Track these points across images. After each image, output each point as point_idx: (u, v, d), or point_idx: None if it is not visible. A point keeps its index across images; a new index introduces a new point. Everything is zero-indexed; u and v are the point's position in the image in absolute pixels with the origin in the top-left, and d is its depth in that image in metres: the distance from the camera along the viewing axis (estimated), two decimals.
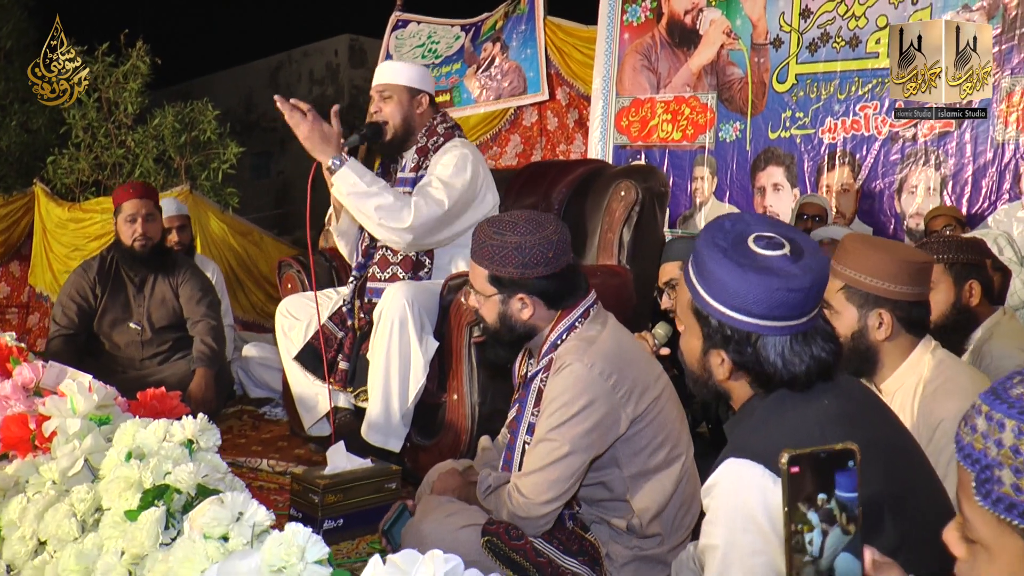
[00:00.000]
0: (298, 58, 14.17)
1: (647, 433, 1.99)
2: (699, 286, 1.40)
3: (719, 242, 1.37)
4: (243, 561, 1.14)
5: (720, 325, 1.37)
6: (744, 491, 1.26)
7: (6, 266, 7.46)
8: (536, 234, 2.00)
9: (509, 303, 2.05)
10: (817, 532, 0.89)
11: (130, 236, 3.77)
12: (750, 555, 1.25)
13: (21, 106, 7.55)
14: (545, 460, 1.92)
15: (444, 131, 3.15)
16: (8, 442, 1.93)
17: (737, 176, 5.27)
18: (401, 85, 3.12)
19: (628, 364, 1.98)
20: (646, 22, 5.62)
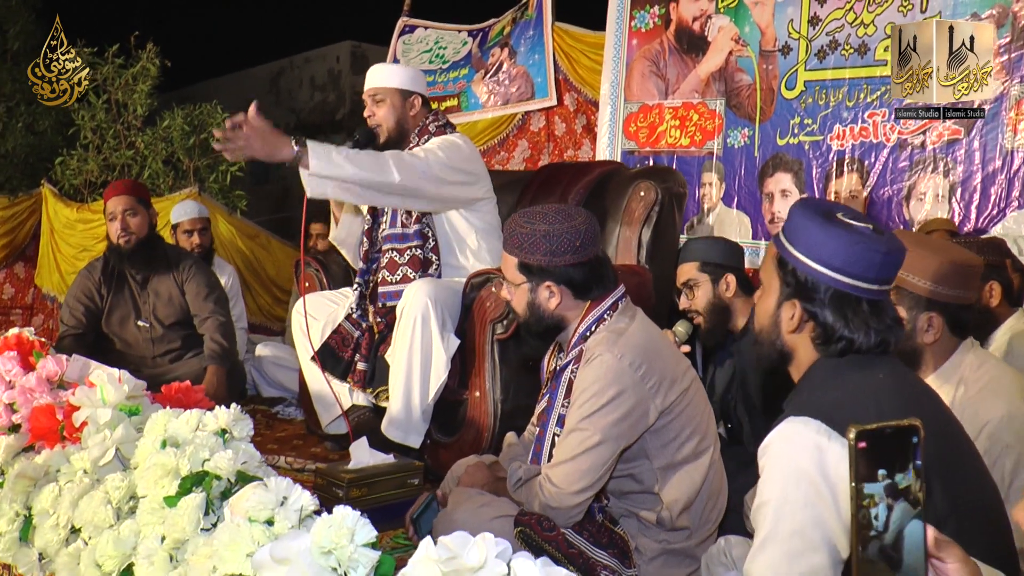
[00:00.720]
0: (300, 64, 14.20)
1: (675, 425, 2.00)
2: (786, 240, 1.49)
3: (812, 206, 1.48)
4: (294, 542, 1.15)
5: (797, 272, 1.45)
6: (798, 447, 1.28)
7: (11, 267, 7.45)
8: (565, 223, 2.03)
9: (537, 291, 2.07)
10: (883, 507, 0.89)
11: (114, 234, 3.77)
12: (801, 507, 1.26)
13: (28, 108, 7.55)
14: (576, 450, 1.94)
15: (436, 129, 3.15)
16: (37, 433, 1.94)
17: (745, 182, 5.28)
18: (393, 88, 3.13)
19: (657, 356, 2.00)
20: (654, 28, 5.64)
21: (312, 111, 14.01)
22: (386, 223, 3.11)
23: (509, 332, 2.70)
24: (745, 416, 2.89)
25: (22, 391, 2.12)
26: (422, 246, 3.03)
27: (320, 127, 13.73)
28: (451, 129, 3.20)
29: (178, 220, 4.78)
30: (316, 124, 13.85)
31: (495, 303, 2.71)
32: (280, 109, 14.30)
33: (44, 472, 1.79)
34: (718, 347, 2.99)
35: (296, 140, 2.70)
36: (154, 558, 1.36)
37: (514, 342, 2.73)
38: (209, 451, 1.52)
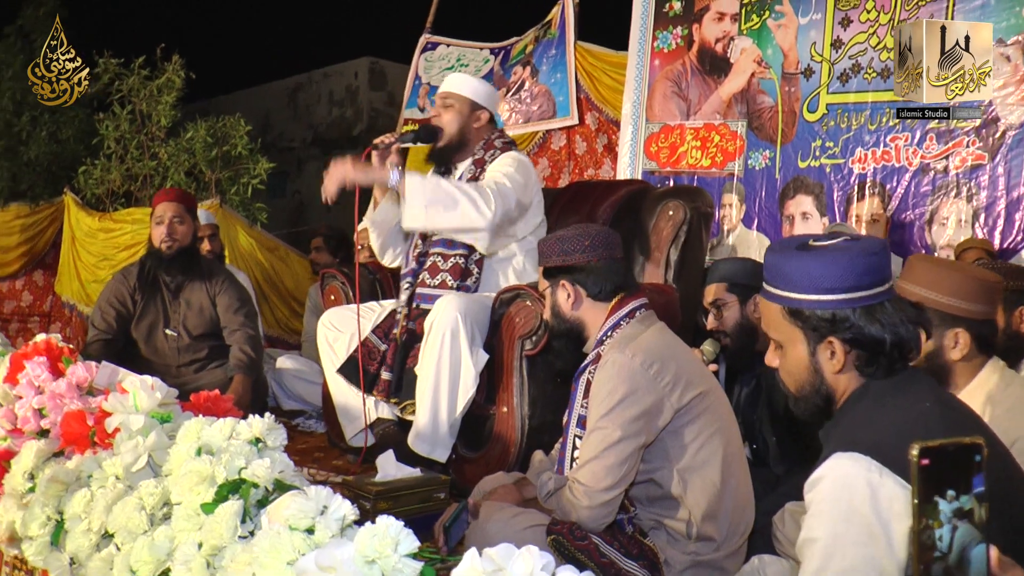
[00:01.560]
0: (318, 79, 14.27)
1: (694, 426, 2.04)
2: (782, 291, 1.45)
3: (788, 245, 1.46)
4: (338, 551, 1.14)
5: (819, 313, 1.42)
6: (850, 483, 1.25)
7: (29, 275, 7.50)
8: (578, 229, 2.22)
9: (556, 293, 2.22)
10: (947, 527, 0.88)
11: (157, 238, 3.81)
12: (852, 546, 1.24)
13: (51, 116, 7.61)
14: (599, 448, 1.99)
15: (502, 145, 3.17)
16: (68, 438, 1.94)
17: (766, 204, 5.27)
18: (464, 96, 3.16)
19: (671, 357, 2.06)
20: (677, 49, 5.65)
21: (330, 126, 14.07)
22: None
23: (538, 348, 2.70)
24: (771, 437, 2.87)
25: (52, 397, 2.13)
26: (467, 256, 3.04)
27: (337, 142, 13.80)
28: (515, 147, 3.23)
29: None
30: (333, 139, 13.91)
31: (524, 319, 2.71)
32: (298, 124, 14.39)
33: (76, 477, 1.79)
34: (744, 367, 2.98)
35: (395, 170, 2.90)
36: (191, 564, 1.36)
37: (542, 358, 2.74)
38: (245, 459, 1.52)
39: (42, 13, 7.87)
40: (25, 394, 2.21)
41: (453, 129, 3.14)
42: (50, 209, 7.32)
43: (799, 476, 2.64)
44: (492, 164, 3.09)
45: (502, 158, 3.09)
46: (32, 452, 1.97)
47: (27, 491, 1.92)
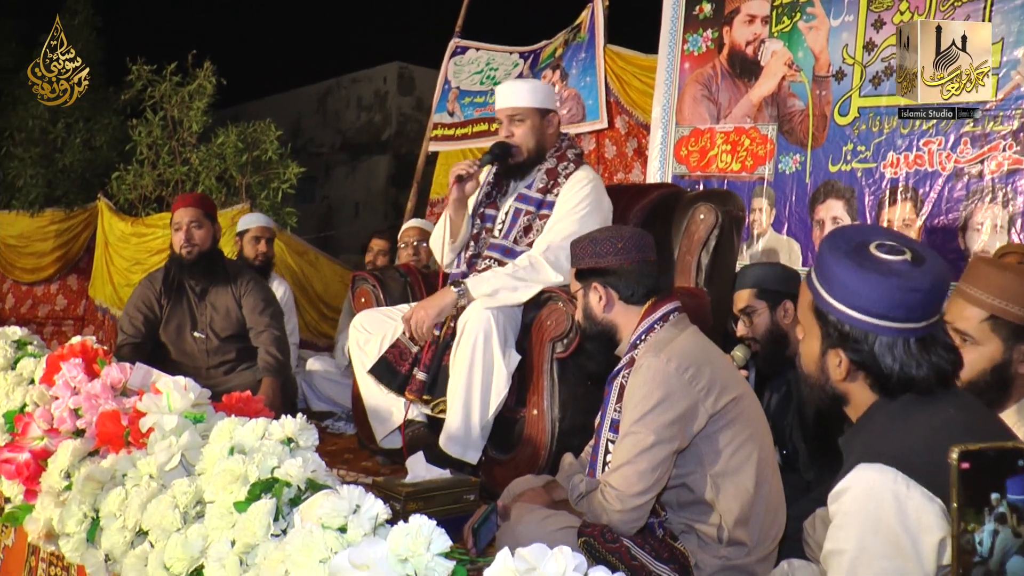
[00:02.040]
0: (347, 84, 14.38)
1: (728, 431, 2.03)
2: (820, 286, 1.43)
3: (841, 245, 1.41)
4: (372, 549, 1.15)
5: (839, 324, 1.40)
6: (876, 495, 1.24)
7: (64, 279, 7.61)
8: (611, 231, 2.25)
9: (588, 295, 2.22)
10: (987, 532, 0.87)
11: (177, 244, 3.84)
12: (879, 559, 1.23)
13: (86, 124, 7.73)
14: (632, 452, 1.98)
15: (574, 157, 3.13)
16: (103, 438, 1.97)
17: (796, 208, 5.22)
18: (532, 108, 3.07)
19: (706, 362, 2.05)
20: (707, 52, 5.62)
21: (358, 131, 14.18)
22: (500, 233, 3.11)
23: (569, 351, 2.70)
24: (801, 443, 2.85)
25: (87, 397, 2.16)
26: None
27: (366, 147, 13.89)
28: (583, 159, 3.19)
29: (246, 227, 4.89)
30: (362, 144, 14.01)
31: (556, 321, 2.71)
32: (327, 129, 14.50)
33: (111, 476, 1.81)
34: (775, 373, 2.96)
35: (453, 283, 2.94)
36: (225, 561, 1.37)
37: (573, 361, 2.73)
38: (277, 459, 1.53)
39: (77, 22, 8.00)
40: (61, 395, 2.25)
41: (531, 144, 3.08)
42: (84, 214, 7.43)
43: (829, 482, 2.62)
44: (567, 186, 3.03)
45: (577, 187, 3.02)
46: (68, 451, 2.00)
47: (64, 489, 1.95)
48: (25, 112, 7.93)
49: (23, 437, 2.27)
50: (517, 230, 3.07)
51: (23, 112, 7.97)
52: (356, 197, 14.16)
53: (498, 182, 3.21)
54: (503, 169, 3.18)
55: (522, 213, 3.09)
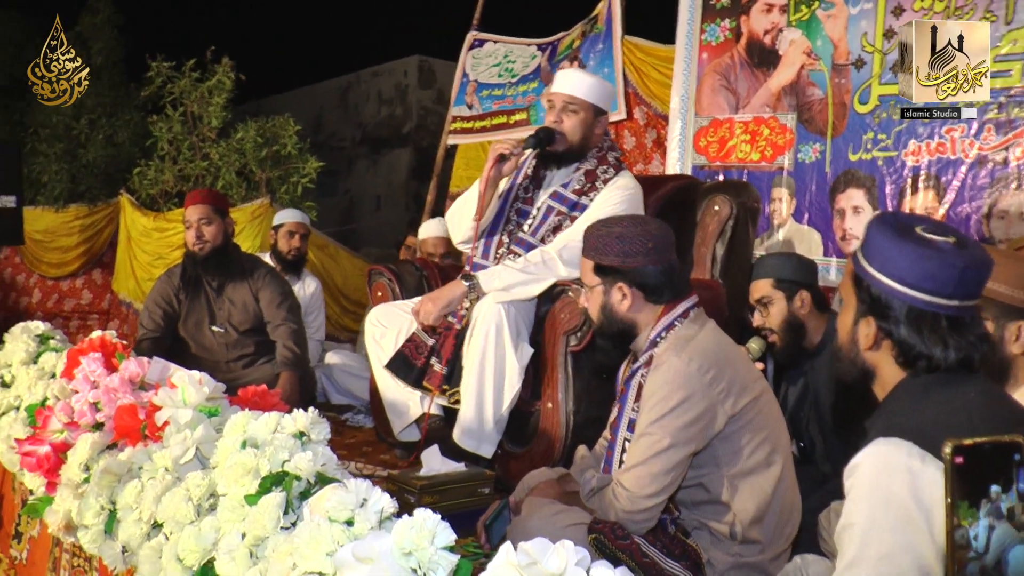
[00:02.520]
0: (367, 78, 14.39)
1: (745, 433, 2.01)
2: (861, 256, 1.48)
3: (889, 220, 1.45)
4: (376, 543, 1.16)
5: (874, 291, 1.43)
6: (888, 469, 1.24)
7: (89, 273, 7.70)
8: (639, 227, 2.11)
9: (610, 293, 2.13)
10: (982, 527, 0.86)
11: (189, 241, 3.88)
12: (891, 532, 1.22)
13: (108, 120, 7.80)
14: (646, 454, 1.96)
15: (614, 161, 3.07)
16: (120, 431, 2.00)
17: (816, 198, 5.18)
18: (590, 103, 3.01)
19: (726, 362, 2.02)
20: (725, 42, 5.59)
21: (379, 125, 14.19)
22: (529, 229, 3.05)
23: (583, 344, 2.69)
24: (818, 435, 2.84)
25: (106, 391, 2.18)
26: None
27: (387, 141, 13.91)
28: (623, 164, 3.13)
29: (282, 221, 4.94)
30: (383, 138, 14.03)
31: (569, 314, 2.70)
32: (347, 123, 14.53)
33: (127, 468, 1.84)
34: (791, 365, 2.95)
35: (463, 276, 2.93)
36: (235, 554, 1.39)
37: (587, 354, 2.72)
38: (288, 452, 1.54)
39: (98, 20, 8.07)
40: (81, 388, 2.28)
41: (577, 137, 3.01)
42: (107, 210, 7.51)
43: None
44: (604, 193, 2.97)
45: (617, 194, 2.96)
46: (87, 444, 2.03)
47: (82, 482, 1.98)
48: (49, 109, 8.01)
49: (44, 430, 2.30)
50: (546, 229, 3.03)
51: (47, 109, 8.05)
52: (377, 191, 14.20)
53: (536, 176, 3.15)
54: (542, 155, 3.10)
55: (554, 212, 3.04)
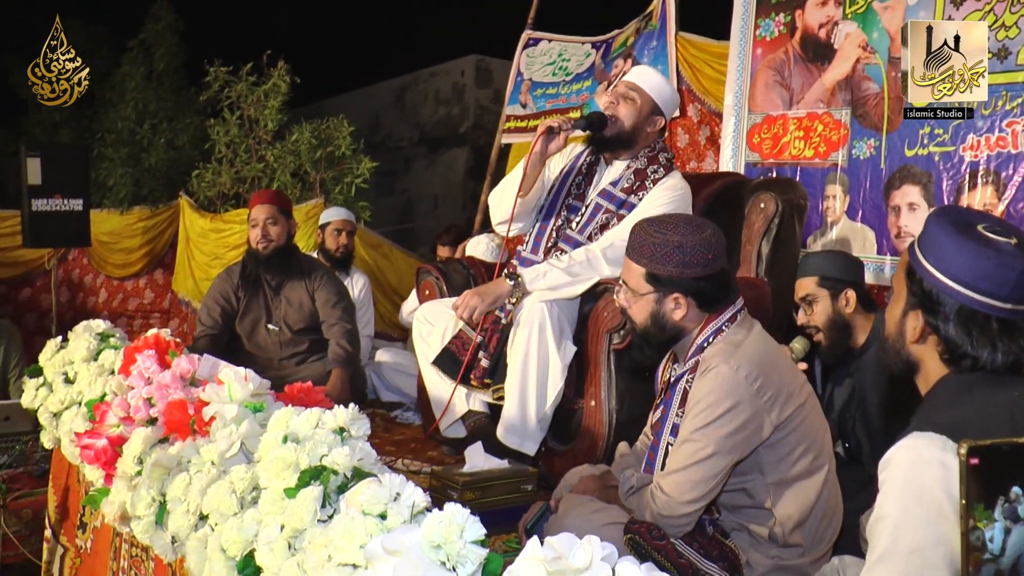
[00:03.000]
0: (424, 79, 14.47)
1: (790, 440, 1.98)
2: (917, 248, 1.46)
3: (950, 214, 1.43)
4: (405, 536, 1.18)
5: (926, 285, 1.42)
6: (921, 463, 1.23)
7: (151, 274, 7.89)
8: (697, 235, 2.02)
9: (664, 302, 2.06)
10: (998, 529, 0.85)
11: (254, 240, 3.95)
12: (923, 525, 1.21)
13: (169, 124, 7.99)
14: (688, 460, 1.93)
15: (665, 162, 3.06)
16: (171, 426, 2.06)
17: (871, 195, 5.08)
18: (648, 96, 3.02)
19: (774, 369, 1.98)
20: (779, 37, 5.52)
21: (436, 125, 14.27)
22: (577, 226, 3.05)
23: (626, 342, 2.69)
24: (864, 436, 2.80)
25: (159, 387, 2.25)
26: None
27: (444, 140, 13.99)
28: (674, 165, 3.13)
29: (328, 220, 5.02)
30: (440, 138, 14.11)
31: (612, 313, 2.70)
32: (404, 123, 14.64)
33: (177, 462, 1.90)
34: (837, 364, 2.91)
35: (508, 275, 2.92)
36: (274, 545, 1.43)
37: (630, 352, 2.72)
38: (327, 447, 1.58)
39: (161, 27, 8.27)
40: (136, 384, 2.35)
41: (627, 124, 3.01)
42: (168, 212, 7.70)
43: None
44: (653, 192, 2.97)
45: (666, 194, 2.96)
46: (140, 438, 2.09)
47: (136, 474, 2.04)
48: (115, 114, 8.24)
49: (102, 424, 2.38)
50: (594, 227, 3.02)
51: (113, 114, 8.29)
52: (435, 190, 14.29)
53: (589, 172, 3.14)
54: (592, 141, 3.11)
55: (602, 210, 3.04)
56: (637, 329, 2.13)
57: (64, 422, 2.71)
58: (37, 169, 5.50)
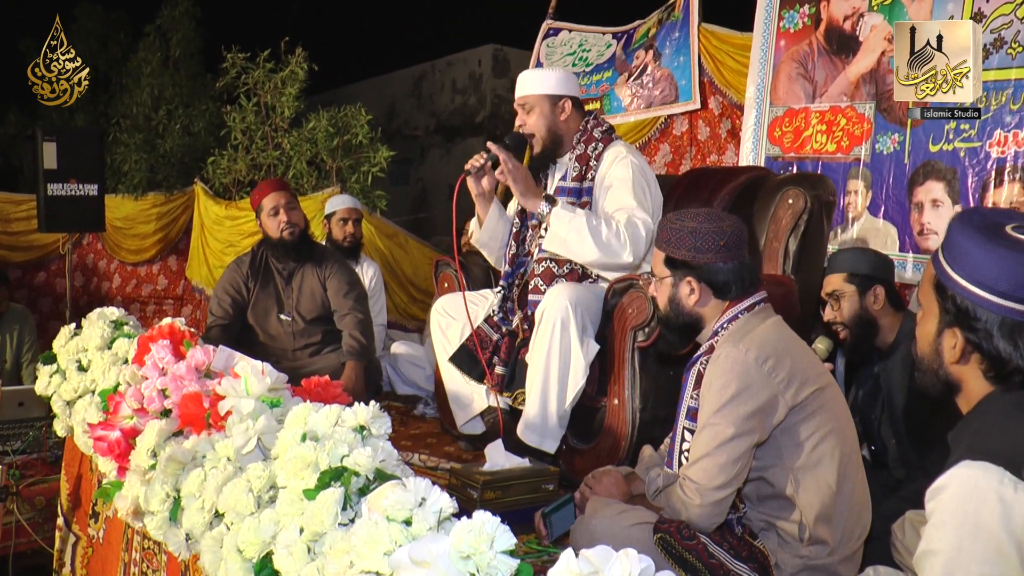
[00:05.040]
0: (441, 68, 14.42)
1: (808, 424, 1.97)
2: (944, 260, 1.37)
3: (974, 219, 1.35)
4: (433, 545, 1.13)
5: (959, 300, 1.34)
6: (977, 496, 1.17)
7: (164, 260, 7.87)
8: (712, 223, 2.07)
9: (679, 286, 2.12)
10: None
11: (277, 228, 3.87)
12: (979, 564, 1.15)
13: (185, 110, 7.95)
14: (711, 444, 1.93)
15: (601, 135, 3.07)
16: (185, 419, 2.01)
17: (893, 191, 5.00)
18: (540, 95, 3.06)
19: (786, 353, 1.97)
20: (803, 29, 5.43)
21: (452, 114, 14.22)
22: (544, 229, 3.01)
23: (650, 340, 2.64)
24: (891, 439, 2.74)
25: (173, 378, 2.21)
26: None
27: (460, 130, 13.94)
28: (615, 134, 3.13)
29: (334, 209, 4.98)
30: (456, 127, 14.06)
31: (637, 309, 2.65)
32: (421, 112, 14.59)
33: (192, 457, 1.85)
34: (862, 364, 2.85)
35: (546, 197, 2.90)
36: (293, 549, 1.38)
37: (655, 350, 2.68)
38: (348, 447, 1.53)
39: (178, 13, 8.23)
40: (150, 375, 2.31)
41: (543, 131, 3.06)
42: (182, 198, 7.67)
43: (921, 481, 2.50)
44: (602, 166, 2.99)
45: (615, 163, 2.97)
46: (154, 431, 2.05)
47: (149, 468, 2.00)
48: (130, 100, 8.21)
49: (115, 415, 2.33)
50: None
51: (128, 100, 8.26)
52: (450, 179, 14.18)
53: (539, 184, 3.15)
54: (530, 163, 3.13)
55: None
56: (659, 314, 2.20)
57: (77, 411, 2.68)
58: (53, 153, 5.47)
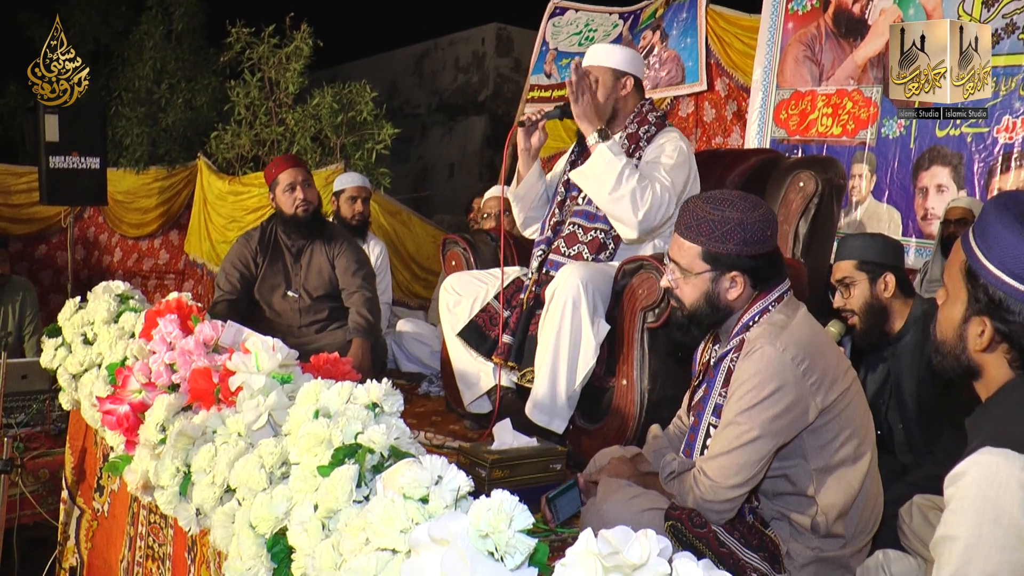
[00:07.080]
0: (444, 46, 14.33)
1: (834, 426, 1.93)
2: (977, 247, 1.34)
3: (1010, 206, 1.31)
4: (452, 523, 1.13)
5: (991, 289, 1.31)
6: (998, 482, 1.16)
7: (166, 234, 7.86)
8: (755, 211, 1.96)
9: (720, 281, 1.99)
10: None
11: (292, 204, 3.85)
12: (998, 551, 1.15)
13: (187, 84, 7.91)
14: (733, 443, 1.88)
15: (656, 120, 3.08)
16: (195, 394, 2.01)
17: (898, 175, 4.99)
18: (606, 67, 3.07)
19: (819, 353, 1.92)
20: (812, 11, 5.40)
21: (455, 92, 14.15)
22: (584, 200, 3.06)
23: (660, 321, 2.63)
24: (898, 423, 2.75)
25: (182, 353, 2.21)
26: (607, 231, 2.97)
27: (462, 108, 13.88)
28: (668, 122, 3.14)
29: (343, 187, 4.95)
30: (458, 105, 14.00)
31: (647, 291, 2.64)
32: (422, 90, 14.53)
33: (202, 432, 1.85)
34: (872, 349, 2.85)
35: (599, 131, 2.90)
36: (307, 525, 1.38)
37: (664, 331, 2.66)
38: (361, 424, 1.52)
39: None
40: (158, 349, 2.30)
41: (600, 101, 3.04)
42: (185, 172, 7.65)
43: (928, 466, 2.51)
44: (651, 147, 2.99)
45: (664, 144, 2.98)
46: (163, 406, 2.05)
47: (159, 442, 2.00)
48: (132, 73, 8.16)
49: (124, 389, 2.33)
50: None
51: (130, 73, 8.21)
52: (451, 158, 14.17)
53: (583, 151, 3.15)
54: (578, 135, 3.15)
55: None
56: (685, 310, 2.06)
57: (84, 384, 2.67)
58: (55, 126, 5.45)
